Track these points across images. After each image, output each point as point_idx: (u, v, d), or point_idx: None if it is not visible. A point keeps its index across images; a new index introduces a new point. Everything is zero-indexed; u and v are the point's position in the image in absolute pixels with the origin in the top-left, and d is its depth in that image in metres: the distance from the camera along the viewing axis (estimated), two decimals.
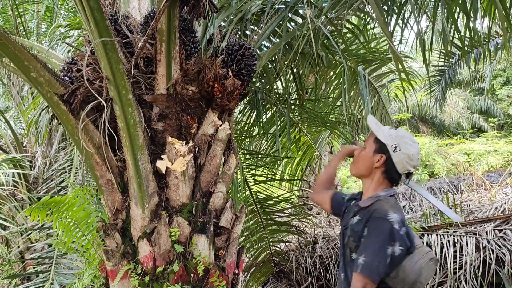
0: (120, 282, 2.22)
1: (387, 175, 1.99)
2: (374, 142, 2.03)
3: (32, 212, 2.27)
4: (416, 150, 1.97)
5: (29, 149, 6.91)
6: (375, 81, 5.59)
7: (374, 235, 1.80)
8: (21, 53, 2.11)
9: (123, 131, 2.18)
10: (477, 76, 16.86)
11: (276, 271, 5.88)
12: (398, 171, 1.97)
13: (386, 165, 1.98)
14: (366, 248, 1.79)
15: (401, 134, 2.00)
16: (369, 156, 2.02)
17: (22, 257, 6.47)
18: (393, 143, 1.96)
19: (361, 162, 2.07)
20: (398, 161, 1.95)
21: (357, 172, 2.11)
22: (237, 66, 2.44)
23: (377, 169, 2.00)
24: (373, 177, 2.02)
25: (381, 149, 1.99)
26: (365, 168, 2.05)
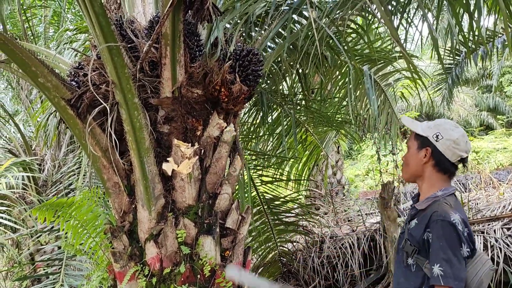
0: (128, 283, 2.25)
1: (439, 167, 1.92)
2: (415, 139, 1.98)
3: (39, 213, 2.30)
4: (460, 133, 1.90)
5: (38, 152, 6.98)
6: (381, 80, 5.57)
7: (441, 241, 1.73)
8: (29, 59, 2.15)
9: (129, 134, 2.21)
10: (485, 73, 16.75)
11: (283, 271, 5.89)
12: (449, 159, 1.89)
13: (434, 157, 1.91)
14: (437, 256, 1.73)
15: (440, 123, 1.95)
16: (415, 154, 1.96)
17: (32, 259, 6.54)
18: (433, 132, 1.91)
19: (410, 164, 2.00)
20: (444, 149, 1.88)
21: (409, 174, 2.03)
22: (244, 72, 2.46)
23: (426, 164, 1.93)
24: (425, 174, 1.94)
25: (424, 143, 1.93)
26: (414, 168, 1.97)
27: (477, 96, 18.98)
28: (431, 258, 1.74)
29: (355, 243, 5.30)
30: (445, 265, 1.69)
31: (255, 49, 2.51)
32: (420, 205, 1.90)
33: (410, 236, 1.87)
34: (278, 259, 5.76)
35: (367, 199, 9.42)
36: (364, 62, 4.77)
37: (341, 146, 10.23)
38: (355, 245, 5.28)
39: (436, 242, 1.73)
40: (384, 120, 5.84)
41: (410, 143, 2.01)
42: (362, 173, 15.00)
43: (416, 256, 1.83)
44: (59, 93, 2.25)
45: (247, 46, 2.51)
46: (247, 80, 2.49)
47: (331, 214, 7.76)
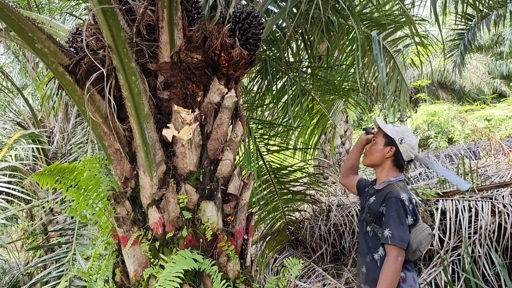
0: (132, 247, 2.28)
1: (396, 163, 2.51)
2: (383, 137, 2.55)
3: (40, 179, 2.32)
4: (416, 141, 2.53)
5: (47, 125, 7.03)
6: (390, 46, 5.44)
7: (392, 212, 2.31)
8: (25, 24, 2.11)
9: (128, 100, 2.19)
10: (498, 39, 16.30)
11: (291, 239, 5.95)
12: (404, 159, 2.50)
13: (395, 155, 2.50)
14: (388, 222, 2.31)
15: (404, 129, 2.56)
16: (381, 149, 2.54)
17: (45, 229, 6.68)
18: (399, 136, 2.50)
19: (374, 155, 2.58)
20: (404, 151, 2.48)
21: (371, 162, 2.62)
22: (244, 35, 2.40)
23: (388, 158, 2.52)
24: (384, 165, 2.54)
25: (390, 142, 2.51)
26: (378, 159, 2.56)
27: (490, 63, 18.55)
28: (383, 225, 2.33)
29: None
30: (393, 229, 2.28)
31: (255, 11, 2.44)
32: (378, 186, 2.51)
33: (369, 209, 2.47)
34: (286, 228, 5.80)
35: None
36: (373, 27, 4.64)
37: (350, 116, 10.13)
38: None
39: (388, 212, 2.33)
40: (393, 88, 5.75)
41: (378, 139, 2.58)
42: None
43: (373, 225, 2.43)
44: (56, 59, 2.23)
45: (247, 9, 2.44)
46: (247, 44, 2.43)
47: (339, 183, 7.75)
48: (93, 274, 2.42)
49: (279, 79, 4.82)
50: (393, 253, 2.25)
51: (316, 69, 4.93)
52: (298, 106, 4.95)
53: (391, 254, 2.25)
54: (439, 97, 19.02)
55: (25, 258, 7.96)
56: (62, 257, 5.37)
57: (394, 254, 2.24)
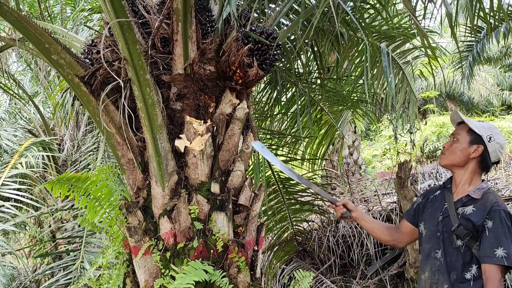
0: (143, 258, 2.29)
1: (482, 164, 2.15)
2: (468, 134, 2.16)
3: (53, 188, 2.35)
4: (504, 140, 2.18)
5: (57, 133, 7.10)
6: (399, 58, 5.45)
7: (503, 227, 1.97)
8: (42, 35, 2.16)
9: (142, 111, 2.22)
10: (507, 51, 16.26)
11: (299, 250, 5.93)
12: (492, 159, 2.13)
13: (482, 155, 2.12)
14: (501, 240, 1.95)
15: (492, 126, 2.18)
16: (465, 148, 2.14)
17: (53, 236, 6.72)
18: (488, 133, 2.11)
19: (456, 154, 2.18)
20: (493, 150, 2.11)
21: (451, 162, 2.21)
22: (262, 56, 2.40)
23: (473, 159, 2.14)
24: (468, 167, 2.16)
25: (477, 140, 2.12)
26: (460, 159, 2.16)
27: (499, 75, 18.48)
28: (492, 242, 1.97)
29: None
30: (508, 248, 1.92)
31: (275, 33, 2.45)
32: (473, 194, 2.11)
33: (465, 221, 2.06)
34: (294, 238, 5.79)
35: (384, 179, 9.35)
36: (382, 39, 4.67)
37: (358, 126, 10.12)
38: None
39: (499, 228, 1.97)
40: (401, 99, 5.75)
41: (461, 136, 2.18)
42: (380, 154, 14.88)
43: (468, 239, 2.04)
44: (72, 70, 2.27)
45: (267, 28, 2.44)
46: (263, 64, 2.44)
47: (347, 194, 7.74)
48: (104, 283, 2.44)
49: (288, 89, 4.84)
50: (499, 274, 1.93)
51: (325, 80, 4.95)
52: (306, 117, 4.97)
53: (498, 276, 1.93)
54: (447, 108, 18.96)
55: (33, 265, 8.00)
56: (70, 264, 5.39)
57: (500, 276, 1.93)
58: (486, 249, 1.97)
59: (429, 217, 2.24)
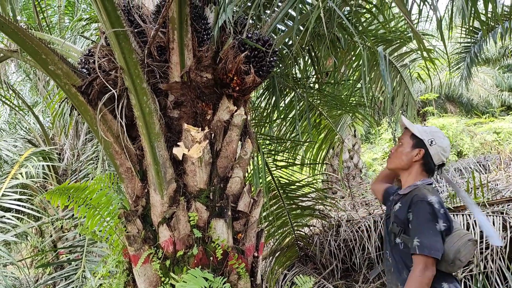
0: (142, 266, 2.29)
1: (425, 166, 2.24)
2: (411, 138, 2.27)
3: (52, 198, 2.35)
4: (448, 143, 2.24)
5: (57, 142, 7.11)
6: (397, 61, 5.47)
7: (420, 217, 2.04)
8: (39, 47, 2.17)
9: (139, 120, 2.22)
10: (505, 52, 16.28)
11: (301, 255, 5.91)
12: (434, 162, 2.22)
13: (424, 158, 2.22)
14: (416, 230, 2.03)
15: (434, 130, 2.27)
16: (408, 151, 2.26)
17: (54, 246, 6.71)
18: (429, 137, 2.22)
19: (400, 158, 2.29)
20: (434, 153, 2.20)
21: (396, 166, 2.33)
22: (259, 63, 2.42)
23: (416, 162, 2.24)
24: (411, 170, 2.26)
25: (419, 144, 2.23)
26: (404, 162, 2.27)
27: (497, 76, 18.50)
28: (411, 233, 2.05)
29: (372, 226, 5.27)
30: (421, 237, 1.99)
31: (271, 40, 2.47)
32: (403, 191, 2.23)
33: (396, 218, 2.18)
34: (295, 243, 5.77)
35: None
36: (379, 43, 4.68)
37: (357, 130, 10.12)
38: (372, 228, 5.25)
39: (415, 219, 2.05)
40: (400, 102, 5.75)
41: (405, 140, 2.30)
42: (380, 157, 14.87)
43: (402, 235, 2.13)
44: (69, 80, 2.28)
45: (263, 35, 2.46)
46: (260, 71, 2.46)
47: (348, 198, 7.73)
48: None
49: (287, 95, 4.85)
50: (419, 264, 1.96)
51: (323, 85, 4.96)
52: (305, 121, 4.97)
53: (417, 266, 1.97)
54: (447, 110, 18.96)
55: (35, 275, 7.97)
56: (71, 274, 5.38)
57: (420, 266, 1.96)
58: (410, 241, 2.05)
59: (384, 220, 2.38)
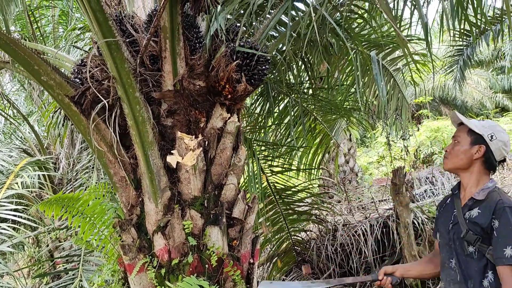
0: (138, 275, 2.29)
1: (487, 164, 2.07)
2: (468, 134, 2.10)
3: (46, 208, 2.35)
4: (508, 136, 2.09)
5: (52, 151, 7.09)
6: (390, 66, 5.50)
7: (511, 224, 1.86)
8: (31, 57, 2.18)
9: (133, 129, 2.23)
10: (498, 54, 16.40)
11: (298, 260, 5.91)
12: (496, 158, 2.06)
13: (485, 155, 2.05)
14: (508, 238, 1.85)
15: (492, 124, 2.12)
16: (467, 149, 2.08)
17: (51, 256, 6.67)
18: (488, 132, 2.05)
19: (459, 156, 2.11)
20: (496, 149, 2.04)
21: (455, 166, 2.14)
22: (250, 71, 2.43)
23: (477, 160, 2.07)
24: (473, 169, 2.09)
25: (478, 140, 2.06)
26: (464, 161, 2.09)
27: (491, 78, 18.62)
28: (500, 242, 1.87)
29: (368, 230, 5.29)
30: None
31: (263, 48, 2.48)
32: (478, 195, 2.02)
33: (473, 225, 1.98)
34: (292, 248, 5.78)
35: (381, 186, 9.36)
36: (371, 48, 4.71)
37: (353, 134, 10.16)
38: (368, 232, 5.26)
39: (505, 226, 1.87)
40: (394, 106, 5.78)
41: (461, 138, 2.12)
42: (375, 161, 14.91)
43: (479, 244, 1.95)
44: (62, 91, 2.29)
45: (256, 44, 2.47)
46: (252, 79, 2.46)
47: (344, 202, 7.74)
48: None
49: (281, 100, 4.87)
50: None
51: (317, 90, 4.99)
52: (300, 127, 4.99)
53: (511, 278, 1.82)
54: (441, 113, 19.04)
55: (32, 286, 7.93)
56: (68, 283, 5.35)
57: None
58: (497, 250, 1.88)
59: (442, 226, 2.20)
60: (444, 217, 2.21)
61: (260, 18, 3.44)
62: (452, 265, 2.08)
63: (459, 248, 2.04)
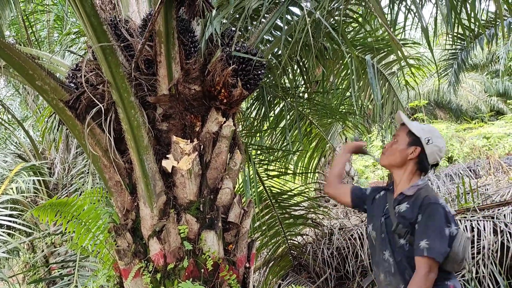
0: (133, 280, 2.28)
1: (420, 165, 2.17)
2: (407, 135, 2.19)
3: (40, 213, 2.34)
4: (444, 143, 2.19)
5: (47, 156, 7.07)
6: (385, 69, 5.53)
7: (432, 219, 1.98)
8: (25, 62, 2.17)
9: (128, 133, 2.23)
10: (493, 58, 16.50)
11: (294, 264, 5.90)
12: (429, 161, 2.16)
13: (419, 157, 2.15)
14: (426, 232, 1.97)
15: (432, 129, 2.21)
16: (403, 149, 2.18)
17: (46, 261, 6.63)
18: (426, 136, 2.14)
19: (395, 154, 2.21)
20: (430, 153, 2.14)
21: (390, 163, 2.25)
22: (246, 76, 2.43)
23: (411, 160, 2.17)
24: (406, 168, 2.19)
25: (415, 142, 2.16)
26: (399, 159, 2.20)
27: (486, 81, 18.72)
28: (418, 235, 1.99)
29: (365, 233, 5.28)
30: (431, 240, 1.94)
31: (259, 53, 2.48)
32: (408, 191, 2.14)
33: (402, 219, 2.09)
34: (288, 253, 5.77)
35: None
36: (366, 52, 4.73)
37: (348, 138, 10.17)
38: (364, 236, 5.26)
39: (426, 221, 1.99)
40: (389, 110, 5.80)
41: (401, 137, 2.22)
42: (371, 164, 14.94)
43: (409, 236, 2.05)
44: (57, 95, 2.28)
45: (252, 48, 2.47)
46: (248, 84, 2.47)
47: (340, 206, 7.74)
48: None
49: (277, 104, 4.88)
50: (425, 267, 1.92)
51: (313, 94, 5.00)
52: (296, 131, 5.00)
53: (423, 269, 1.92)
54: (437, 116, 19.12)
55: None
56: None
57: (426, 269, 1.92)
58: (415, 242, 1.99)
59: (375, 219, 2.28)
60: (376, 210, 2.30)
61: (255, 23, 3.45)
62: (385, 257, 2.15)
63: (392, 240, 2.13)
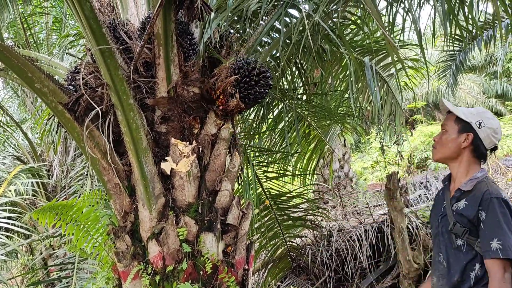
0: (132, 282, 2.28)
1: (476, 153, 2.01)
2: (456, 122, 2.03)
3: (40, 216, 2.34)
4: (498, 123, 2.01)
5: (46, 158, 7.06)
6: (383, 71, 5.54)
7: (496, 216, 1.81)
8: (24, 65, 2.17)
9: (127, 135, 2.23)
10: (491, 59, 16.56)
11: (293, 266, 5.90)
12: (486, 146, 2.00)
13: (473, 143, 1.99)
14: (494, 231, 1.79)
15: (481, 110, 2.04)
16: (454, 138, 2.02)
17: (45, 263, 6.62)
18: (476, 119, 1.98)
19: (446, 146, 2.05)
20: (485, 136, 1.97)
21: (443, 156, 2.09)
22: (247, 90, 2.41)
23: (465, 149, 2.01)
24: (461, 158, 2.02)
25: (466, 128, 2.00)
26: (452, 150, 2.04)
27: (484, 83, 18.77)
28: (487, 234, 1.81)
29: (363, 235, 5.29)
30: (503, 239, 1.76)
31: (268, 71, 2.46)
32: (466, 186, 1.96)
33: (460, 217, 1.93)
34: (287, 254, 5.77)
35: (376, 191, 9.39)
36: (365, 53, 4.74)
37: (347, 140, 10.20)
38: (363, 237, 5.27)
39: (492, 218, 1.81)
40: (387, 111, 5.81)
41: (449, 126, 2.06)
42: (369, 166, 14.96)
43: (467, 236, 1.89)
44: (56, 98, 2.28)
45: (262, 65, 2.44)
46: (247, 98, 2.45)
47: (339, 207, 7.75)
48: None
49: (275, 106, 4.89)
50: (500, 269, 1.75)
51: (311, 96, 5.01)
52: (295, 133, 5.01)
53: (499, 272, 1.75)
54: (435, 118, 19.17)
55: None
56: None
57: (501, 271, 1.75)
58: (484, 243, 1.82)
59: (433, 220, 2.15)
60: (435, 210, 2.16)
61: (254, 25, 3.46)
62: (441, 259, 2.03)
63: (447, 241, 1.99)
